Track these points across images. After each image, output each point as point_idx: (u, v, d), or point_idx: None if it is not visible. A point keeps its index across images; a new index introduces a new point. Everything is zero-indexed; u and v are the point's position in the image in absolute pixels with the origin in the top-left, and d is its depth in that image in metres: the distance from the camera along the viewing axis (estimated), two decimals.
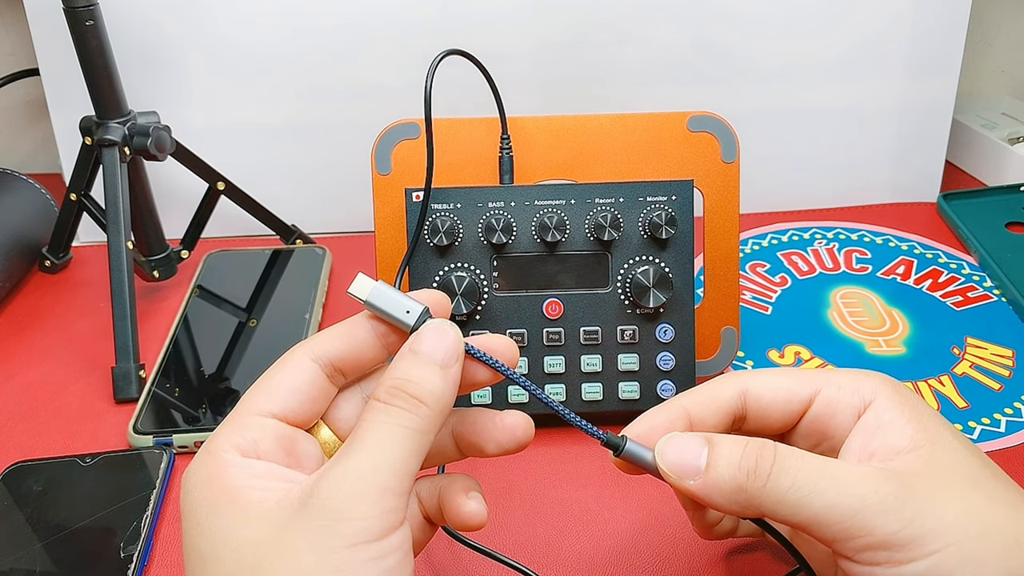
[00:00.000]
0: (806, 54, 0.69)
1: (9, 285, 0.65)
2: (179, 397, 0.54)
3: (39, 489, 0.47)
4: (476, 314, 0.50)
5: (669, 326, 0.50)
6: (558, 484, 0.48)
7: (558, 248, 0.50)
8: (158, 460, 0.49)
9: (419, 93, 0.48)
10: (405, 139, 0.53)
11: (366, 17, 0.67)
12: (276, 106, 0.70)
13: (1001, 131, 0.78)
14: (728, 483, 0.30)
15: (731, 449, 0.31)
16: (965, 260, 0.66)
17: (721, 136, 0.53)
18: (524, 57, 0.68)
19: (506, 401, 0.50)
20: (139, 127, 0.60)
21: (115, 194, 0.58)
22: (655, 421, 0.34)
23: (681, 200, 0.49)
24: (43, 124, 0.82)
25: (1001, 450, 0.50)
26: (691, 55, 0.69)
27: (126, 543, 0.44)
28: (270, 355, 0.57)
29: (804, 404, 0.34)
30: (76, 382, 0.57)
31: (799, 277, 0.65)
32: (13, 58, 0.80)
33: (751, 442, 0.31)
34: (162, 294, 0.66)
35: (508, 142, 0.52)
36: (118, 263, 0.57)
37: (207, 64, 0.68)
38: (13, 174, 0.70)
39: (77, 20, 0.56)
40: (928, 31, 0.69)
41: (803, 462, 0.30)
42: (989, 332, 0.59)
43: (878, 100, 0.71)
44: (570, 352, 0.50)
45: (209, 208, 0.66)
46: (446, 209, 0.49)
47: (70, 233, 0.67)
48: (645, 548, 0.44)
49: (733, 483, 0.30)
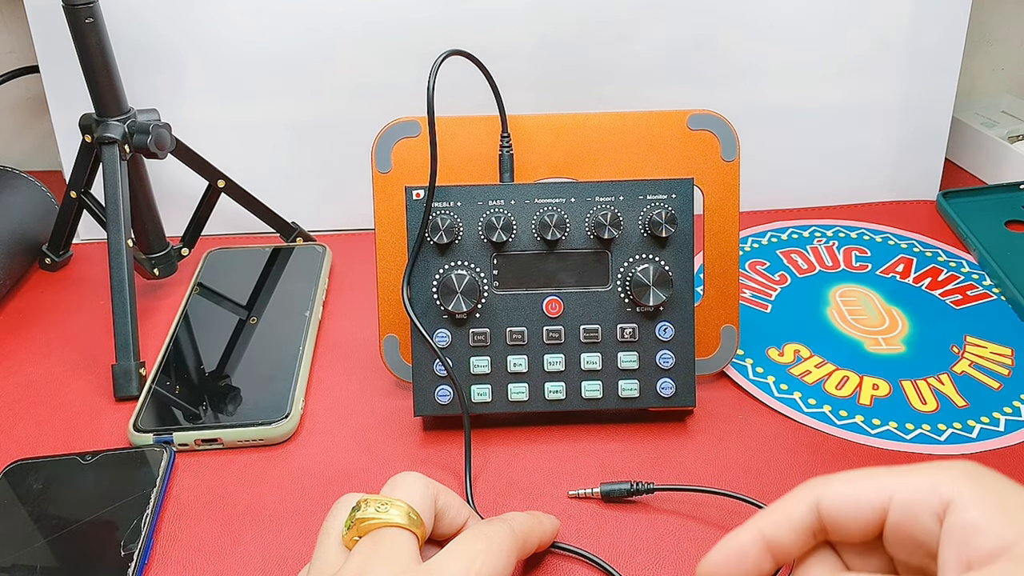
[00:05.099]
0: (806, 52, 0.69)
1: (9, 283, 0.65)
2: (179, 395, 0.54)
3: (39, 487, 0.47)
4: (476, 312, 0.50)
5: (669, 324, 0.50)
6: (558, 483, 0.48)
7: (558, 246, 0.50)
8: (158, 458, 0.49)
9: (419, 91, 0.48)
10: (405, 137, 0.53)
11: (366, 15, 0.67)
12: (276, 104, 0.70)
13: (1001, 129, 0.78)
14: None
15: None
16: (965, 258, 0.66)
17: (721, 134, 0.53)
18: (524, 55, 0.68)
19: (506, 399, 0.50)
20: (139, 125, 0.60)
21: (115, 192, 0.58)
22: (730, 550, 0.33)
23: (681, 198, 0.49)
24: (43, 122, 0.82)
25: (1000, 449, 0.50)
26: (691, 53, 0.69)
27: (127, 541, 0.44)
28: (270, 353, 0.57)
29: (879, 512, 0.31)
30: (76, 380, 0.57)
31: (799, 275, 0.65)
32: (13, 56, 0.80)
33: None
34: (162, 292, 0.66)
35: (508, 140, 0.52)
36: (118, 261, 0.57)
37: (207, 62, 0.68)
38: (13, 172, 0.70)
39: (77, 17, 0.56)
40: (928, 30, 0.69)
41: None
42: (988, 331, 0.59)
43: (878, 98, 0.71)
44: (570, 350, 0.50)
45: (209, 206, 0.66)
46: (446, 207, 0.49)
47: (70, 231, 0.67)
48: (645, 547, 0.44)
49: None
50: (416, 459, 0.50)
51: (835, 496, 0.32)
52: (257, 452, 0.51)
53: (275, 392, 0.54)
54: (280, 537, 0.45)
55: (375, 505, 0.36)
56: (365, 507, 0.36)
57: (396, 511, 0.36)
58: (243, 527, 0.46)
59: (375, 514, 0.36)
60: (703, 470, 0.49)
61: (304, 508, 0.47)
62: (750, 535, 0.32)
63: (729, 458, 0.49)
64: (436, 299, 0.49)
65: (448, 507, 0.39)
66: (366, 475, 0.49)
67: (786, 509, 0.33)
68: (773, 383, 0.55)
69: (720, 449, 0.50)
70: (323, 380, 0.56)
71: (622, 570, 0.43)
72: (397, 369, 0.54)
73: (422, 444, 0.51)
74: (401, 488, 0.38)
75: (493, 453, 0.50)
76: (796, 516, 0.32)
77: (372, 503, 0.36)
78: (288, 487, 0.48)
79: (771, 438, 0.51)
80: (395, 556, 0.35)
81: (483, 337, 0.50)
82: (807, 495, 0.33)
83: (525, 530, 0.40)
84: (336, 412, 0.54)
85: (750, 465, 0.49)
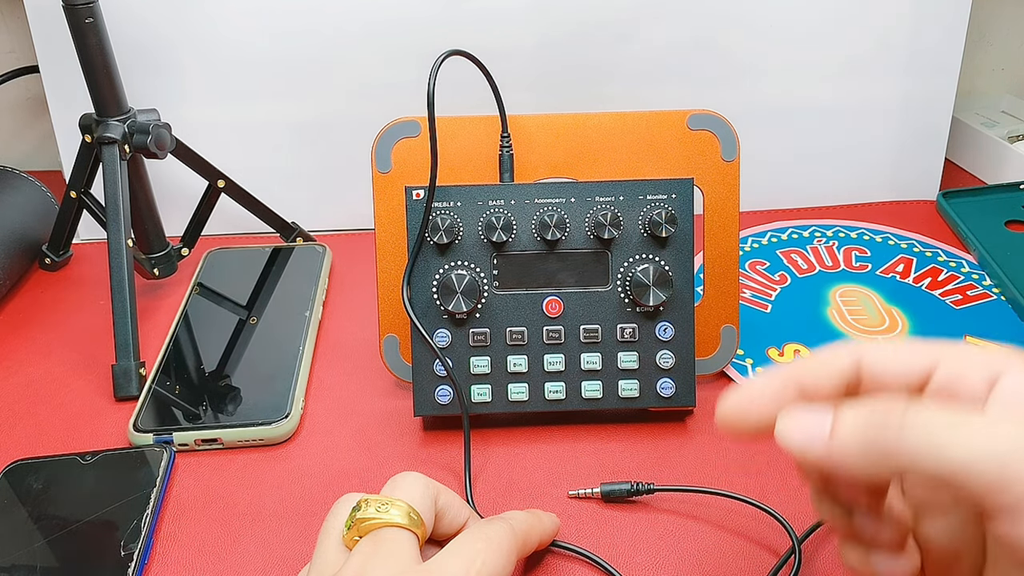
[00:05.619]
0: (806, 52, 0.69)
1: (9, 283, 0.65)
2: (179, 395, 0.54)
3: (39, 487, 0.47)
4: (476, 312, 0.50)
5: (669, 324, 0.50)
6: (558, 483, 0.48)
7: (558, 246, 0.50)
8: (158, 458, 0.49)
9: (419, 90, 0.48)
10: (405, 137, 0.53)
11: (366, 15, 0.67)
12: (276, 104, 0.70)
13: (1001, 129, 0.78)
14: (857, 441, 0.27)
15: (855, 409, 0.28)
16: (964, 258, 0.66)
17: (721, 134, 0.53)
18: (524, 55, 0.68)
19: (506, 399, 0.50)
20: (139, 125, 0.60)
21: (115, 192, 0.58)
22: (763, 376, 0.32)
23: (681, 198, 0.49)
24: (43, 121, 0.82)
25: None
26: (691, 53, 0.69)
27: (127, 541, 0.44)
28: (270, 353, 0.57)
29: (924, 374, 0.31)
30: (76, 380, 0.57)
31: (799, 275, 0.65)
32: (13, 55, 0.80)
33: (875, 400, 0.28)
34: (162, 292, 0.66)
35: (508, 140, 0.52)
36: (118, 261, 0.57)
37: (207, 62, 0.68)
38: (13, 172, 0.70)
39: (77, 17, 0.56)
40: (928, 29, 0.69)
41: (938, 411, 0.27)
42: (988, 330, 0.59)
43: (878, 98, 0.71)
44: (570, 350, 0.50)
45: (209, 206, 0.66)
46: (446, 207, 0.49)
47: (70, 231, 0.67)
48: (645, 547, 0.44)
49: (863, 439, 0.27)
50: (416, 459, 0.50)
51: (882, 354, 0.31)
52: (257, 452, 0.51)
53: (275, 392, 0.54)
54: (280, 537, 0.45)
55: (375, 505, 0.36)
56: (365, 507, 0.36)
57: (396, 511, 0.36)
58: (243, 527, 0.46)
59: (375, 514, 0.36)
60: (703, 470, 0.49)
61: (304, 508, 0.47)
62: (785, 368, 0.32)
63: (729, 458, 0.49)
64: (436, 299, 0.49)
65: (448, 507, 0.39)
66: (366, 475, 0.49)
67: (825, 358, 0.32)
68: None
69: (720, 449, 0.50)
70: (323, 380, 0.56)
71: (622, 570, 0.43)
72: (397, 369, 0.54)
73: (422, 444, 0.51)
74: (401, 488, 0.38)
75: (493, 453, 0.50)
76: (835, 366, 0.32)
77: (372, 503, 0.36)
78: (288, 487, 0.48)
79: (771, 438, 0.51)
80: (395, 556, 0.35)
81: (483, 337, 0.50)
82: (850, 350, 0.32)
83: (525, 529, 0.40)
84: (336, 412, 0.54)
85: (750, 465, 0.49)
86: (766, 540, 0.44)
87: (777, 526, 0.45)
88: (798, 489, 0.47)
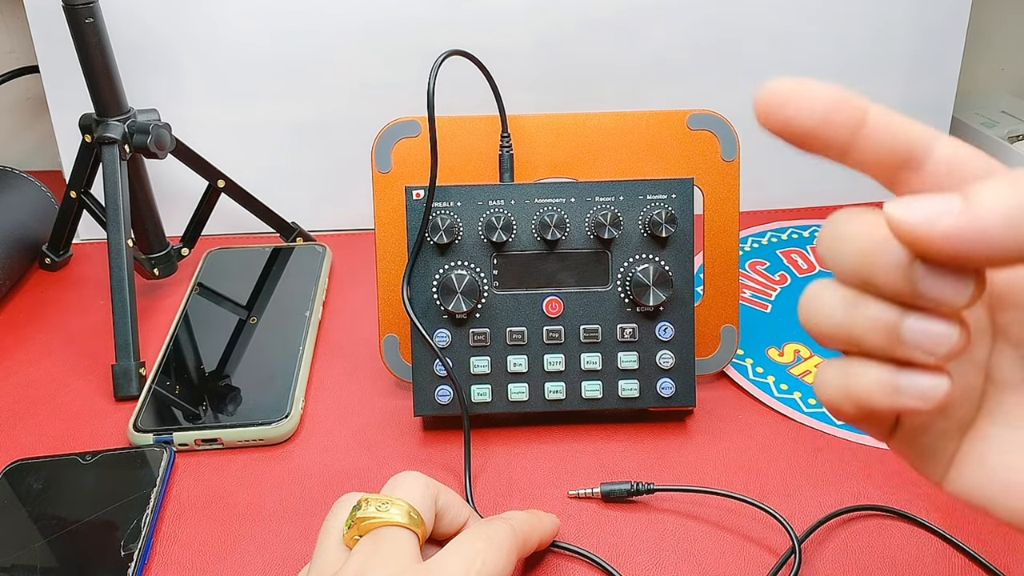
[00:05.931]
0: (806, 52, 0.69)
1: (9, 283, 0.65)
2: (179, 395, 0.54)
3: (39, 487, 0.47)
4: (476, 312, 0.50)
5: (669, 324, 0.50)
6: (558, 483, 0.48)
7: (558, 246, 0.50)
8: (158, 458, 0.49)
9: (419, 91, 0.48)
10: (405, 137, 0.53)
11: (366, 15, 0.67)
12: (276, 104, 0.70)
13: (1001, 129, 0.78)
14: (1004, 211, 0.23)
15: (992, 183, 0.24)
16: None
17: (721, 134, 0.53)
18: (524, 55, 0.68)
19: (506, 399, 0.50)
20: (139, 125, 0.60)
21: (115, 192, 0.58)
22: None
23: (681, 198, 0.49)
24: (43, 121, 0.82)
25: None
26: (691, 53, 0.69)
27: (127, 541, 0.44)
28: (270, 353, 0.57)
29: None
30: (76, 380, 0.57)
31: (799, 275, 0.65)
32: (13, 55, 0.80)
33: (1009, 175, 0.24)
34: (162, 292, 0.66)
35: (508, 140, 0.52)
36: (118, 261, 0.57)
37: (207, 62, 0.68)
38: (13, 172, 0.70)
39: (77, 17, 0.56)
40: (928, 30, 0.69)
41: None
42: None
43: (878, 98, 0.70)
44: (570, 350, 0.50)
45: (209, 206, 0.66)
46: (446, 207, 0.49)
47: (70, 231, 0.67)
48: (645, 547, 0.44)
49: (1009, 208, 0.23)
50: (416, 459, 0.50)
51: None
52: (257, 452, 0.51)
53: (275, 392, 0.54)
54: (280, 537, 0.45)
55: (376, 504, 0.36)
56: (366, 506, 0.36)
57: (397, 510, 0.36)
58: (243, 527, 0.46)
59: (376, 513, 0.36)
60: (703, 470, 0.49)
61: (304, 508, 0.47)
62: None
63: (729, 458, 0.49)
64: (436, 299, 0.49)
65: (448, 507, 0.39)
66: (366, 475, 0.49)
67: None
68: (773, 383, 0.55)
69: (720, 449, 0.50)
70: (323, 380, 0.56)
71: (622, 570, 0.43)
72: (397, 369, 0.54)
73: (422, 444, 0.51)
74: (402, 487, 0.38)
75: (493, 453, 0.50)
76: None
77: (373, 502, 0.36)
78: (288, 487, 0.48)
79: (771, 438, 0.51)
80: (396, 555, 0.35)
81: (483, 337, 0.50)
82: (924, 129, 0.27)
83: (525, 529, 0.40)
84: (336, 412, 0.54)
85: (750, 465, 0.49)
86: (766, 540, 0.44)
87: (777, 526, 0.45)
88: (798, 489, 0.47)
